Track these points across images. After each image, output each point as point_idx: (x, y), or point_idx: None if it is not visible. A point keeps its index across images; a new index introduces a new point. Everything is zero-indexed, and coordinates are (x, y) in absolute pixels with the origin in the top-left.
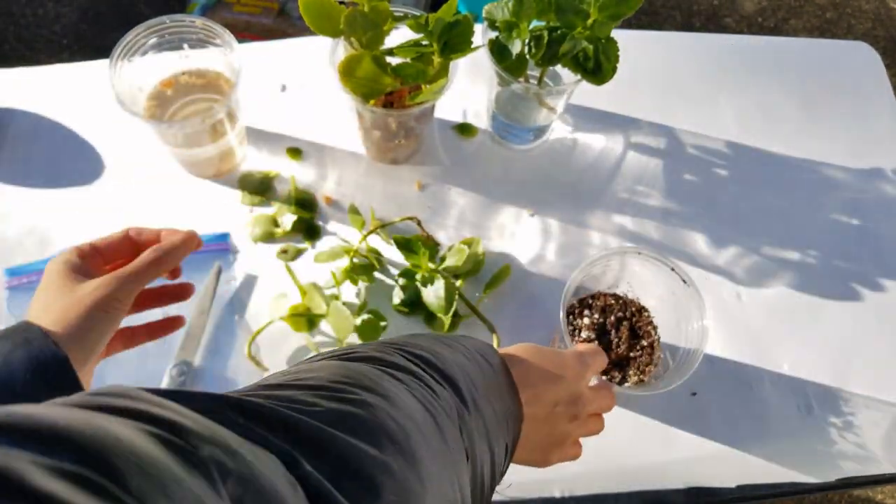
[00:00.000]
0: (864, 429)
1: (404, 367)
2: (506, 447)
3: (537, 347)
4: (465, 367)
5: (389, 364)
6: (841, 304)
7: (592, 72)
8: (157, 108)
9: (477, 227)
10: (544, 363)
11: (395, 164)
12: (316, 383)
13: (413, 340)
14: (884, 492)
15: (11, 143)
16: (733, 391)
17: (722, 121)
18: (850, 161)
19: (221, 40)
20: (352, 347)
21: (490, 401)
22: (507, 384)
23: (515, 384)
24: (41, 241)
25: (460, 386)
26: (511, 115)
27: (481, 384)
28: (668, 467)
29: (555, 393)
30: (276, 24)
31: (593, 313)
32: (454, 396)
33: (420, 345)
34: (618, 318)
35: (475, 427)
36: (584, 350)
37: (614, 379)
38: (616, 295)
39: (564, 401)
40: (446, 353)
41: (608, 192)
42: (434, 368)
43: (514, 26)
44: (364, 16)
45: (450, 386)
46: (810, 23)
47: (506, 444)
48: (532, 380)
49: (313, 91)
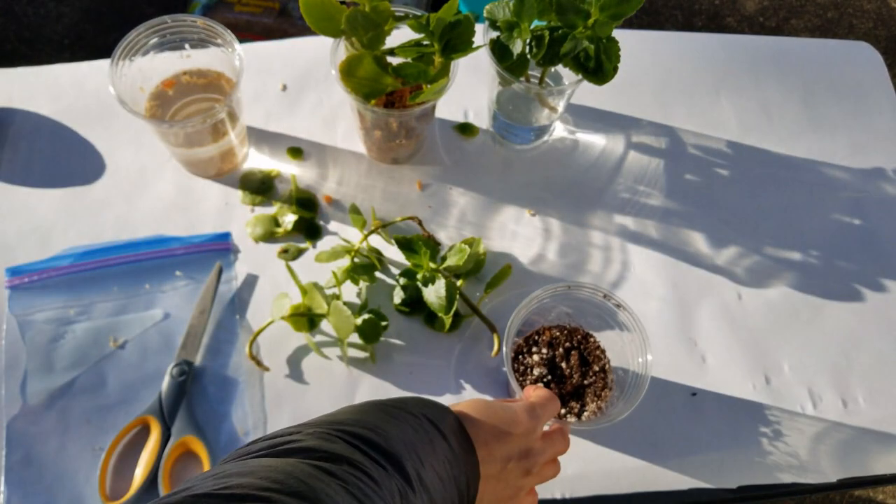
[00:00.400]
0: (864, 428)
1: (343, 456)
2: None
3: (487, 403)
4: (411, 441)
5: (328, 455)
6: (842, 304)
7: (593, 72)
8: (159, 107)
9: (478, 227)
10: (494, 420)
11: (395, 163)
12: (241, 492)
13: (358, 416)
14: (885, 492)
15: (12, 142)
16: (733, 391)
17: (723, 120)
18: (852, 161)
19: (223, 40)
20: (292, 430)
21: (437, 472)
22: (462, 444)
23: (471, 441)
24: (42, 240)
25: (405, 464)
26: (512, 114)
27: (429, 455)
28: (669, 468)
29: (507, 450)
30: (278, 24)
31: (541, 348)
32: (398, 476)
33: (364, 422)
34: (566, 349)
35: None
36: (536, 401)
37: (573, 410)
38: (560, 326)
39: (516, 456)
40: (391, 427)
41: (609, 192)
42: (377, 449)
43: (516, 26)
44: (365, 16)
45: (393, 466)
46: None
47: None
48: (483, 438)
49: (314, 91)
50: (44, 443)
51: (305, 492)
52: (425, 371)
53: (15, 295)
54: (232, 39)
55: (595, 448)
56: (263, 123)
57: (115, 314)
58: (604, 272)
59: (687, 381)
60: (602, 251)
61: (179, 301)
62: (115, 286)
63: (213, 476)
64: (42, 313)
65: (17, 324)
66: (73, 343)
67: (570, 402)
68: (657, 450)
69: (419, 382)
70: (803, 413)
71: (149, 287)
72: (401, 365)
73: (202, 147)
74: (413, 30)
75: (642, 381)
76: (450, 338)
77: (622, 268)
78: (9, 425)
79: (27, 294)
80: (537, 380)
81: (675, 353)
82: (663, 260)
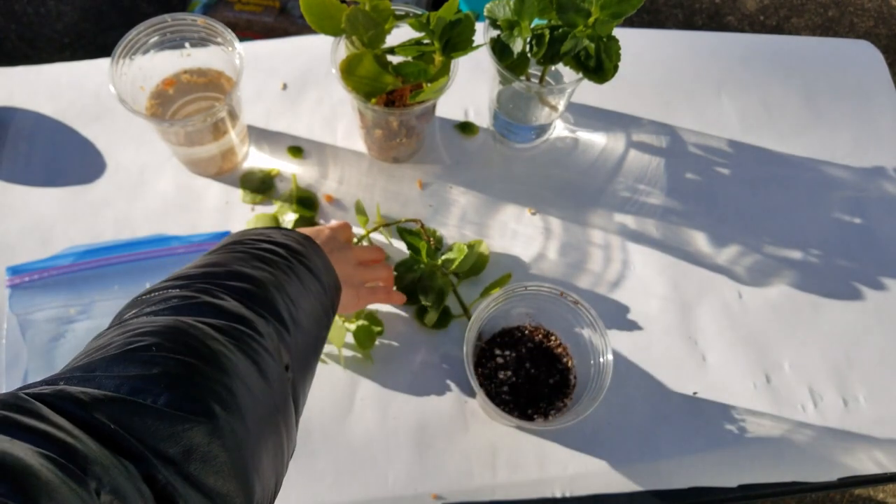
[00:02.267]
0: (865, 427)
1: (232, 312)
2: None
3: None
4: (282, 285)
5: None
6: (842, 303)
7: (594, 70)
8: (159, 106)
9: (478, 226)
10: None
11: (396, 162)
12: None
13: (233, 267)
14: (885, 490)
15: (13, 141)
16: (734, 390)
17: (723, 119)
18: (852, 160)
19: (223, 39)
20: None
21: (307, 307)
22: (329, 276)
23: (335, 272)
24: (42, 239)
25: (280, 310)
26: (512, 113)
27: (300, 296)
28: (669, 467)
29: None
30: (278, 23)
31: (504, 350)
32: (274, 321)
33: (241, 274)
34: (528, 349)
35: (295, 341)
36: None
37: (539, 409)
38: (520, 327)
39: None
40: (267, 275)
41: (609, 191)
42: (256, 300)
43: (516, 25)
44: (365, 14)
45: (269, 313)
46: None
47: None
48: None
49: (315, 90)
50: None
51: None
52: (424, 371)
53: (15, 294)
54: (232, 38)
55: (595, 447)
56: (264, 122)
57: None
58: (604, 271)
59: (687, 380)
60: (602, 250)
61: None
62: (116, 285)
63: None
64: (43, 312)
65: (17, 323)
66: (74, 342)
67: (540, 403)
68: (657, 448)
69: (419, 382)
70: (804, 412)
71: (149, 286)
72: (399, 365)
73: (202, 146)
74: (413, 28)
75: (604, 375)
76: (445, 338)
77: (622, 267)
78: None
79: (28, 293)
80: (503, 383)
81: (675, 352)
82: (664, 259)
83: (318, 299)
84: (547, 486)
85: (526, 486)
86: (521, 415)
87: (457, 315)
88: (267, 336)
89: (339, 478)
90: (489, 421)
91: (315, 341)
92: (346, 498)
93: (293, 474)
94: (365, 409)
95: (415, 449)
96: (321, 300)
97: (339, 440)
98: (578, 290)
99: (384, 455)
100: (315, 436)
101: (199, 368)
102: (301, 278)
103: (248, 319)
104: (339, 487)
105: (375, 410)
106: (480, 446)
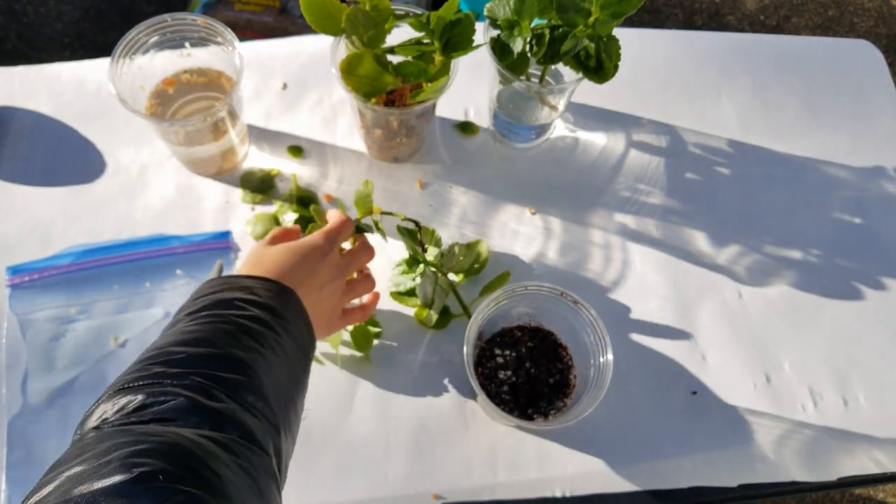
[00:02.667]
0: (865, 427)
1: (231, 420)
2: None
3: (288, 247)
4: (272, 369)
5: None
6: (843, 303)
7: (594, 70)
8: (159, 106)
9: (478, 226)
10: (297, 259)
11: (396, 162)
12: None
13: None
14: (885, 490)
15: (13, 141)
16: (734, 390)
17: (724, 119)
18: (852, 159)
19: (223, 38)
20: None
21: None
22: (302, 326)
23: (308, 321)
24: (42, 238)
25: (272, 404)
26: (512, 113)
27: (294, 394)
28: (669, 466)
29: (318, 280)
30: (278, 23)
31: (504, 350)
32: (267, 423)
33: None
34: (528, 349)
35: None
36: (331, 227)
37: (541, 409)
38: (521, 326)
39: (328, 280)
40: (256, 360)
41: (609, 191)
42: (251, 391)
43: (516, 24)
44: (365, 14)
45: (264, 415)
46: (812, 21)
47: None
48: (297, 279)
49: (315, 89)
50: (45, 441)
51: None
52: (424, 370)
53: (16, 294)
54: (232, 38)
55: (595, 447)
56: (264, 122)
57: (116, 313)
58: (604, 271)
59: (687, 379)
60: (602, 250)
61: (180, 300)
62: (116, 285)
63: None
64: (43, 312)
65: (17, 322)
66: (74, 342)
67: (540, 402)
68: (657, 448)
69: (419, 382)
70: (804, 412)
71: (149, 286)
72: (399, 364)
73: (202, 145)
74: (413, 28)
75: (604, 375)
76: (445, 338)
77: (623, 266)
78: (10, 424)
79: (28, 293)
80: (503, 383)
81: (675, 352)
82: (664, 258)
83: (299, 363)
84: (547, 486)
85: (526, 485)
86: (521, 415)
87: (457, 315)
88: (262, 439)
89: (339, 477)
90: (489, 421)
91: (295, 403)
92: (345, 498)
93: (293, 474)
94: (365, 409)
95: (414, 448)
96: (302, 363)
97: (339, 440)
98: (578, 290)
99: (384, 454)
100: (315, 436)
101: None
102: (285, 349)
103: (248, 430)
104: (339, 487)
105: (375, 410)
106: (480, 446)
